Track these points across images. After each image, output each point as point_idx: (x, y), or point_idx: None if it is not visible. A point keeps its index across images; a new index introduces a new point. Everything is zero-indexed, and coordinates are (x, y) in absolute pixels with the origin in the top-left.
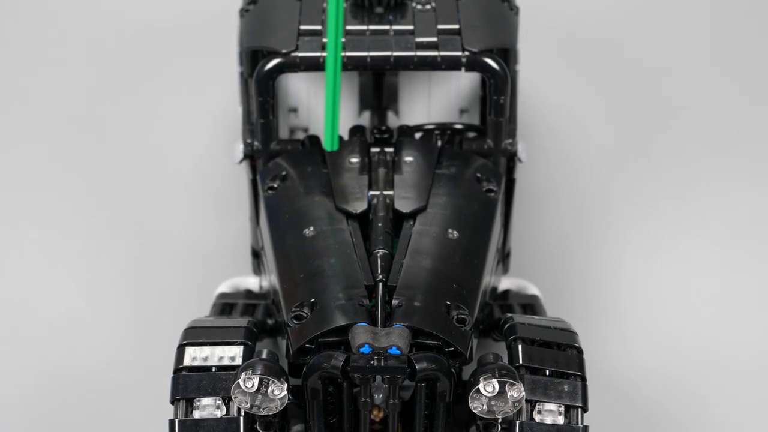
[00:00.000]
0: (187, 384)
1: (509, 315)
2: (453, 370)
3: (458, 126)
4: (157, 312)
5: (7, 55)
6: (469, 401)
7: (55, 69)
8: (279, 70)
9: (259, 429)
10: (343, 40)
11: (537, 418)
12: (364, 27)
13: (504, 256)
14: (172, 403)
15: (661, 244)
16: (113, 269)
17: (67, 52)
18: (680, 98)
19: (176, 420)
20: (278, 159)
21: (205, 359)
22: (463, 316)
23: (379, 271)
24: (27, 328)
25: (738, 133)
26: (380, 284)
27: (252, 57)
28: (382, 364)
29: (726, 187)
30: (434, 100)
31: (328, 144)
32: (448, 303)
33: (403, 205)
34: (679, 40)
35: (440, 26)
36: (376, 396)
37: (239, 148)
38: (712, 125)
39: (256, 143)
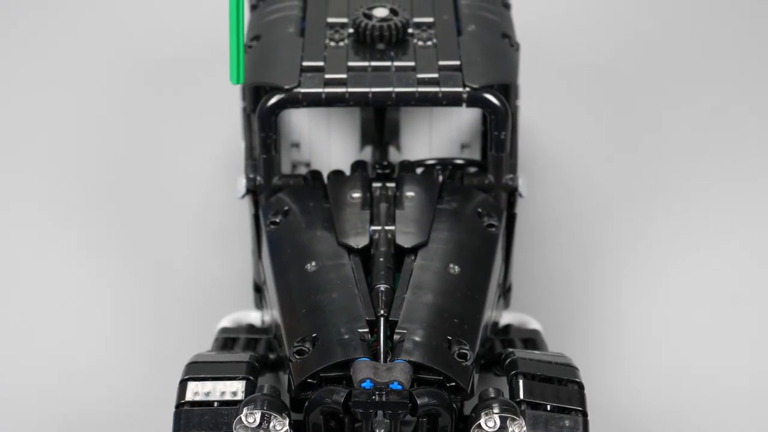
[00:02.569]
0: (189, 419)
1: (510, 350)
2: (454, 405)
3: (459, 161)
4: (159, 346)
5: (9, 84)
6: None
7: (57, 100)
8: (281, 106)
9: None
10: (345, 75)
11: None
12: (366, 63)
13: (505, 291)
14: None
15: (662, 279)
16: (114, 303)
17: (69, 85)
18: (681, 132)
19: None
20: (280, 194)
21: (207, 394)
22: (464, 351)
23: (380, 306)
24: (26, 360)
25: (738, 168)
26: (382, 319)
27: (254, 93)
28: (384, 399)
29: (726, 219)
30: (435, 136)
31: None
32: (450, 338)
33: (405, 240)
34: (681, 73)
35: (441, 62)
36: (377, 431)
37: (241, 183)
38: (714, 159)
39: (258, 178)
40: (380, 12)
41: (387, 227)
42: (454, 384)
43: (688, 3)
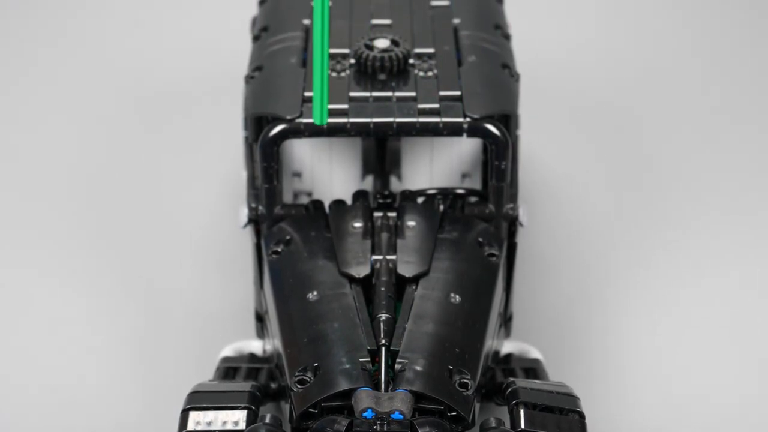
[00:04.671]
0: None
1: (511, 379)
2: None
3: (460, 191)
4: (161, 375)
5: (11, 118)
6: None
7: (59, 131)
8: (283, 136)
9: None
10: (347, 106)
11: None
12: (367, 94)
13: (506, 320)
14: None
15: (663, 308)
16: (116, 333)
17: (70, 116)
18: (681, 162)
19: None
20: (282, 223)
21: (209, 424)
22: (465, 380)
23: (382, 336)
24: (27, 389)
25: (738, 199)
26: (383, 349)
27: (257, 123)
28: (385, 428)
29: (727, 249)
30: (436, 165)
31: (317, 118)
32: (451, 367)
33: (406, 270)
34: (680, 104)
35: (442, 93)
36: None
37: (243, 213)
38: (714, 189)
39: (260, 208)
40: (381, 43)
41: (388, 257)
42: (455, 413)
43: (688, 35)
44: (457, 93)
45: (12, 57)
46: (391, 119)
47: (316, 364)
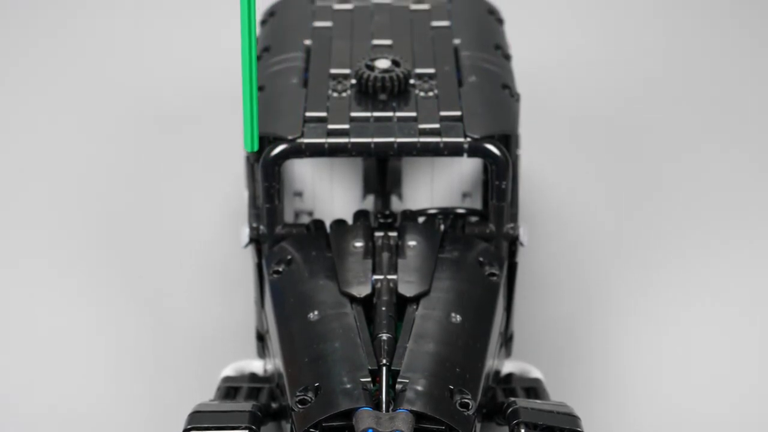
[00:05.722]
0: None
1: (512, 399)
2: None
3: (461, 210)
4: (162, 395)
5: (14, 137)
6: None
7: (61, 151)
8: (285, 156)
9: None
10: (348, 126)
11: None
12: (368, 114)
13: (507, 340)
14: None
15: (664, 328)
16: (117, 351)
17: (73, 135)
18: (683, 181)
19: None
20: (283, 243)
21: None
22: (466, 400)
23: (383, 355)
24: (27, 408)
25: (740, 218)
26: (384, 368)
27: (258, 143)
28: None
29: (728, 268)
30: (437, 185)
31: (248, 145)
32: (452, 387)
33: (407, 290)
34: (682, 122)
35: (443, 113)
36: None
37: (245, 232)
38: (715, 208)
39: (261, 227)
40: (382, 63)
41: (389, 276)
42: None
43: (690, 55)
44: (458, 113)
45: (11, 77)
46: (392, 139)
47: (317, 384)
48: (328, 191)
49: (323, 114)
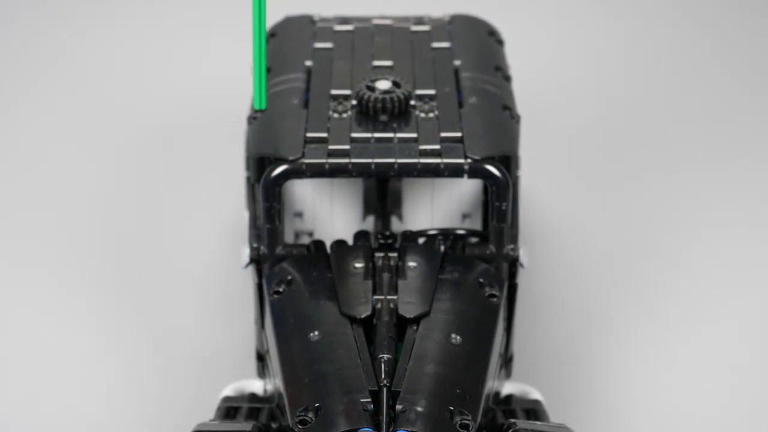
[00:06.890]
0: None
1: (512, 420)
2: None
3: (461, 231)
4: (162, 415)
5: (17, 155)
6: None
7: (63, 171)
8: (285, 176)
9: None
10: (348, 147)
11: None
12: (369, 135)
13: (507, 361)
14: None
15: (665, 347)
16: (117, 371)
17: (72, 155)
18: (683, 200)
19: None
20: (284, 263)
21: None
22: (466, 421)
23: (383, 376)
24: (29, 426)
25: (742, 235)
26: (384, 389)
27: (259, 163)
28: None
29: (729, 287)
30: (437, 206)
31: (257, 103)
32: (452, 408)
33: (407, 310)
34: (680, 140)
35: (443, 134)
36: None
37: (245, 253)
38: (717, 226)
39: (262, 248)
40: (383, 84)
41: (389, 297)
42: None
43: (692, 79)
44: (458, 134)
45: (10, 96)
46: (392, 160)
47: (317, 405)
48: (328, 212)
49: (324, 135)
